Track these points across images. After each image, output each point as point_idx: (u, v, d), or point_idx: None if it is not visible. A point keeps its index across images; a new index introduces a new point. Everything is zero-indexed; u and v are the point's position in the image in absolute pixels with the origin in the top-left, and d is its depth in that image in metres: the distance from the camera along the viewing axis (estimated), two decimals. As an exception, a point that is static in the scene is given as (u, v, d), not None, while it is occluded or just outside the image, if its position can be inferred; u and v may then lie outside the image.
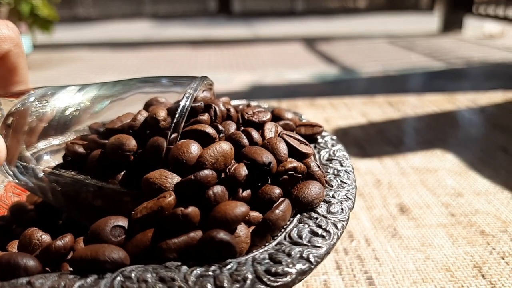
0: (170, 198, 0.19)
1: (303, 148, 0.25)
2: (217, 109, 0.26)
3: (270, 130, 0.26)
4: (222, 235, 0.17)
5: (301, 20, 3.52)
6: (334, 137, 0.30)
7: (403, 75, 1.55)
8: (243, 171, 0.21)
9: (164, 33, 3.01)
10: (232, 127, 0.26)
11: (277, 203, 0.20)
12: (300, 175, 0.22)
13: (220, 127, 0.25)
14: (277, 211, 0.19)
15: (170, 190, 0.20)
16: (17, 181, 0.26)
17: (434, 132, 0.59)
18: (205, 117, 0.25)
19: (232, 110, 0.28)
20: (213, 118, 0.26)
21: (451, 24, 2.47)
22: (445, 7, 2.47)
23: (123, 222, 0.20)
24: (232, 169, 0.21)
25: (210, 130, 0.24)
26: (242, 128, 0.26)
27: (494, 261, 0.32)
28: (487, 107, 0.69)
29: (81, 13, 4.14)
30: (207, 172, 0.19)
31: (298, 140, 0.26)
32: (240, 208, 0.19)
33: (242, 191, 0.21)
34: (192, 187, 0.19)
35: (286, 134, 0.25)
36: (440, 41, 2.26)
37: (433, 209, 0.39)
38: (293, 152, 0.24)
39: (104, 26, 3.50)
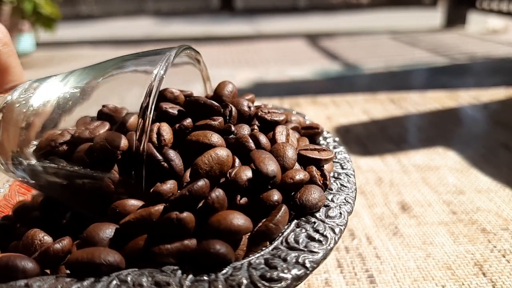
0: (161, 207, 0.19)
1: (324, 155, 0.25)
2: (233, 109, 0.26)
3: (281, 133, 0.26)
4: (219, 247, 0.17)
5: (304, 16, 3.50)
6: (337, 139, 0.30)
7: (406, 71, 1.54)
8: (245, 175, 0.21)
9: (166, 30, 3.00)
10: (245, 130, 0.26)
11: (275, 210, 0.20)
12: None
13: (233, 128, 0.25)
14: (271, 224, 0.19)
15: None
16: (14, 176, 0.26)
17: (436, 130, 0.59)
18: (217, 122, 0.25)
19: (253, 109, 0.27)
20: (228, 118, 0.26)
21: (455, 19, 2.45)
22: (448, 2, 2.45)
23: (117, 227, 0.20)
24: (233, 173, 0.21)
25: (214, 139, 0.23)
26: (255, 129, 0.26)
27: (495, 259, 0.32)
28: (490, 103, 0.69)
29: (84, 11, 4.14)
30: (200, 184, 0.19)
31: (316, 149, 0.25)
32: (245, 222, 0.18)
33: (241, 198, 0.21)
34: (187, 201, 0.19)
35: (303, 149, 0.25)
36: (443, 36, 2.24)
37: (434, 207, 0.39)
38: (316, 163, 0.24)
39: (106, 24, 3.50)
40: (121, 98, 0.27)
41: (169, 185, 0.21)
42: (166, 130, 0.24)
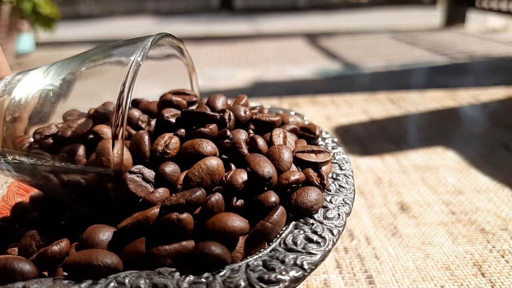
0: (157, 210, 0.19)
1: (320, 158, 0.25)
2: (231, 114, 0.26)
3: (278, 135, 0.26)
4: (214, 248, 0.17)
5: (304, 15, 3.50)
6: (335, 139, 0.30)
7: (406, 70, 1.54)
8: (240, 178, 0.21)
9: (166, 30, 3.00)
10: (242, 135, 0.26)
11: (272, 211, 0.20)
12: (300, 185, 0.22)
13: (228, 133, 0.25)
14: (267, 223, 0.19)
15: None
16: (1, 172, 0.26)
17: (435, 129, 0.58)
18: (208, 129, 0.25)
19: (248, 113, 0.28)
20: (227, 121, 0.26)
21: (454, 18, 2.45)
22: (448, 2, 2.45)
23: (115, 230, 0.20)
24: (229, 176, 0.21)
25: (203, 147, 0.23)
26: (251, 133, 0.26)
27: (494, 260, 0.32)
28: (489, 103, 0.69)
29: (83, 10, 4.14)
30: (198, 194, 0.19)
31: (313, 151, 0.25)
32: (240, 224, 0.18)
33: (237, 200, 0.21)
34: (184, 210, 0.19)
35: (299, 152, 0.25)
36: (443, 35, 2.24)
37: (434, 207, 0.39)
38: (313, 166, 0.24)
39: (106, 24, 3.50)
40: (107, 88, 0.26)
41: (160, 193, 0.21)
42: (174, 142, 0.24)
